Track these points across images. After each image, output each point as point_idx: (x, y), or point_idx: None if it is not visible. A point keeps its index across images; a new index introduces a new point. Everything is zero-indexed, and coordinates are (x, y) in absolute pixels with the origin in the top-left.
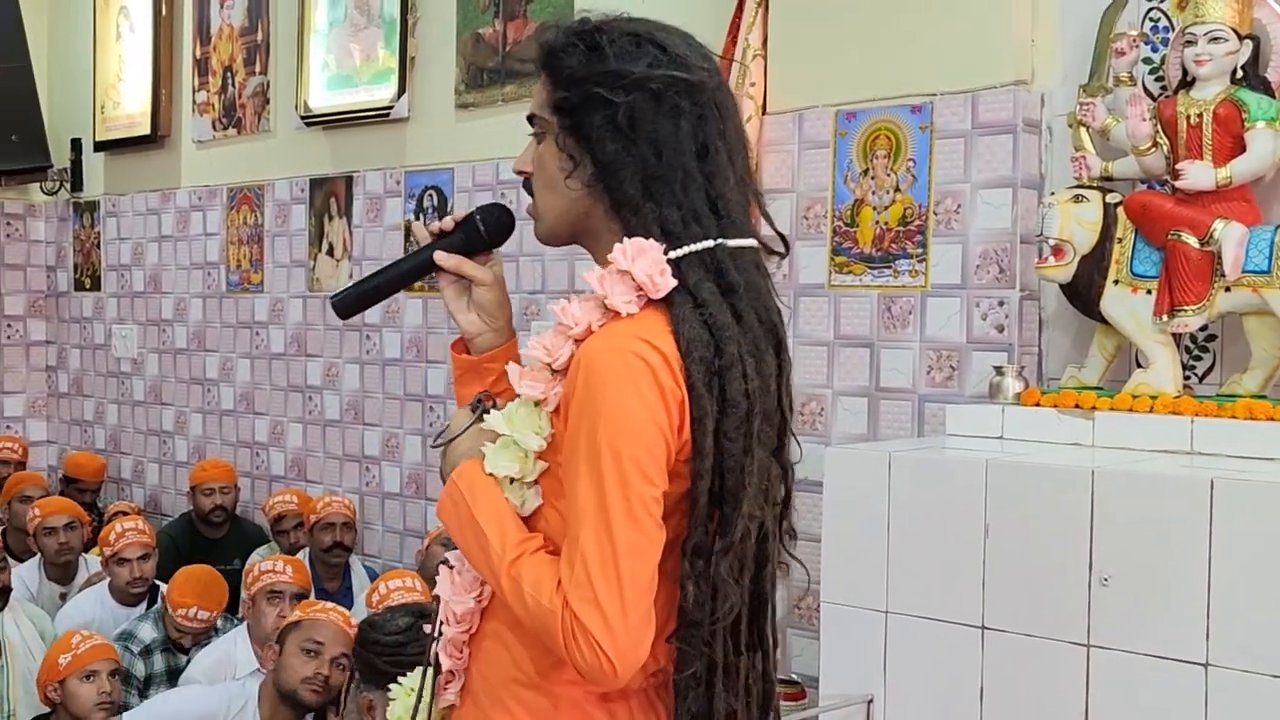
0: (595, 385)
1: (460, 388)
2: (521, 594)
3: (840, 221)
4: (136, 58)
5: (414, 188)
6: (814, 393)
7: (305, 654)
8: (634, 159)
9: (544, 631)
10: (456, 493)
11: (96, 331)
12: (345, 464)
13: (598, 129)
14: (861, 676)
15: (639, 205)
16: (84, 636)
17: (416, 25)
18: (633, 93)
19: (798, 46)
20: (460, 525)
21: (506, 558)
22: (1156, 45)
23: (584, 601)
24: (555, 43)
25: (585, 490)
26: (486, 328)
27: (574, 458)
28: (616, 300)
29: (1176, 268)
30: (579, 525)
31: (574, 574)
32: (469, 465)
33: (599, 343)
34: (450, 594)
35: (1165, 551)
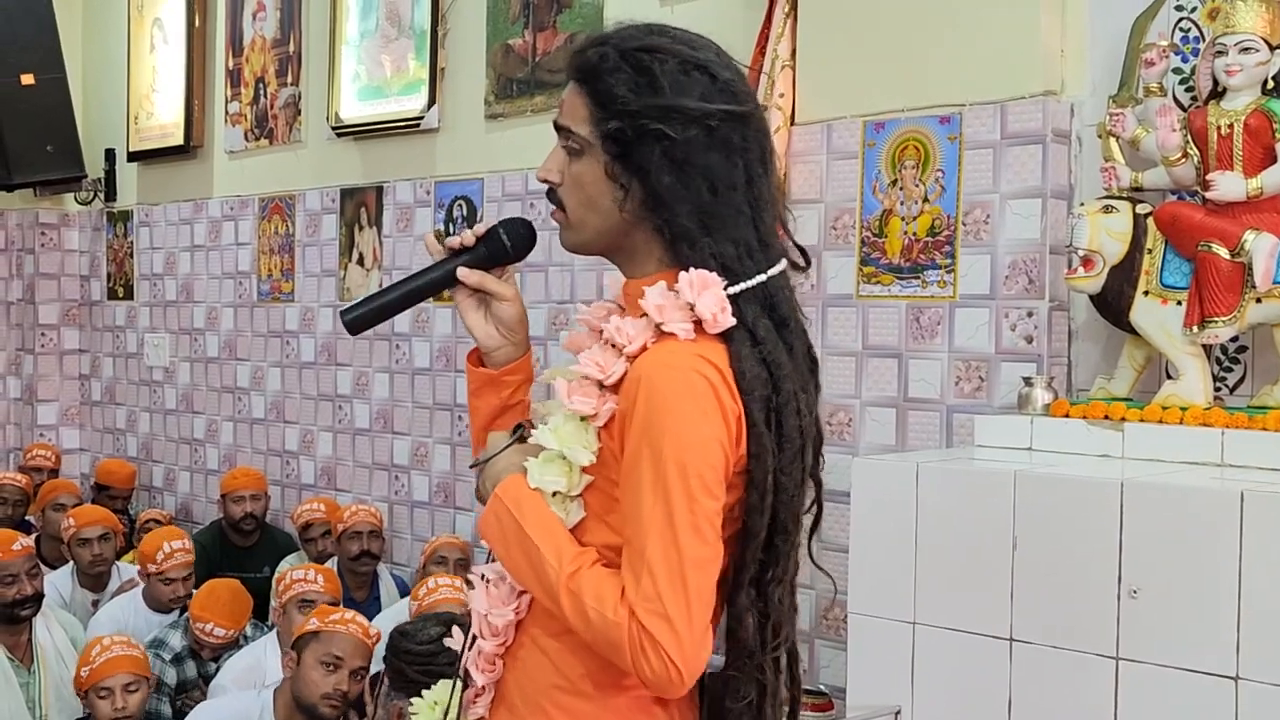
0: (659, 401)
1: (476, 400)
2: (583, 607)
3: (869, 232)
4: (170, 69)
5: (444, 198)
6: (842, 403)
7: (324, 667)
8: (689, 192)
9: (607, 643)
10: (501, 508)
11: (129, 340)
12: (375, 473)
13: (654, 162)
14: (889, 687)
15: (695, 239)
16: (103, 647)
17: (447, 36)
18: (690, 129)
19: (826, 57)
20: (506, 540)
21: (564, 571)
22: (1187, 55)
23: (653, 614)
24: (602, 65)
25: (650, 504)
26: (506, 341)
27: (635, 472)
28: (675, 326)
29: (1207, 279)
30: (644, 538)
31: (640, 587)
32: (513, 480)
33: (659, 359)
34: (488, 607)
35: (1195, 564)
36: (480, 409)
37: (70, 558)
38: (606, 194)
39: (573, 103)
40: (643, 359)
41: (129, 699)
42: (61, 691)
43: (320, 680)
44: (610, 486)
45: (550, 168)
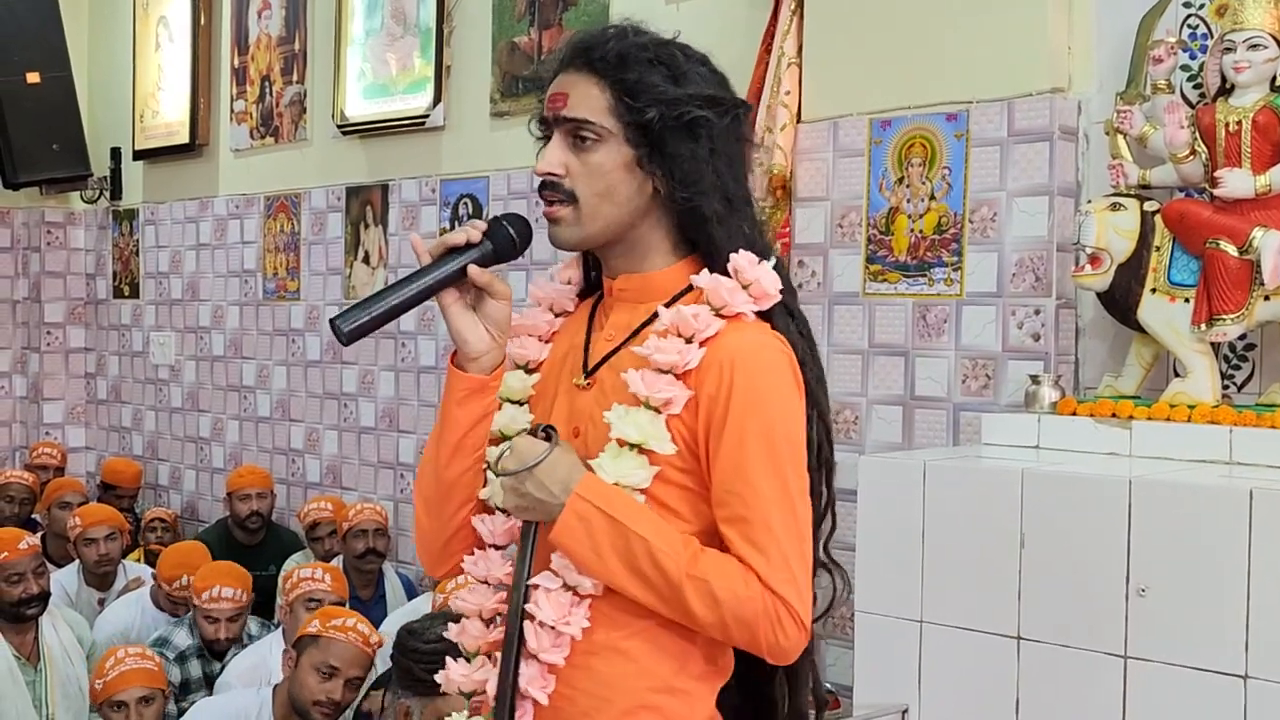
0: (759, 380)
1: (459, 410)
2: (710, 590)
3: (875, 230)
4: (175, 67)
5: (449, 196)
6: (849, 401)
7: (320, 674)
8: (718, 178)
9: (736, 622)
10: (588, 509)
11: (135, 339)
12: (380, 471)
13: (689, 147)
14: (896, 686)
15: (726, 221)
16: (117, 660)
17: (452, 34)
18: (725, 117)
19: (832, 55)
20: (596, 542)
21: (683, 559)
22: (1194, 52)
23: (785, 582)
24: (626, 54)
25: (767, 478)
26: (495, 345)
27: (742, 449)
28: (745, 308)
29: (1215, 276)
30: (767, 511)
31: (771, 560)
32: (591, 479)
33: (746, 340)
34: (556, 617)
35: (1203, 562)
36: (461, 419)
37: (76, 556)
38: (628, 183)
39: (585, 94)
40: (724, 342)
41: (144, 712)
42: (68, 690)
43: (314, 686)
44: (677, 475)
45: (554, 160)
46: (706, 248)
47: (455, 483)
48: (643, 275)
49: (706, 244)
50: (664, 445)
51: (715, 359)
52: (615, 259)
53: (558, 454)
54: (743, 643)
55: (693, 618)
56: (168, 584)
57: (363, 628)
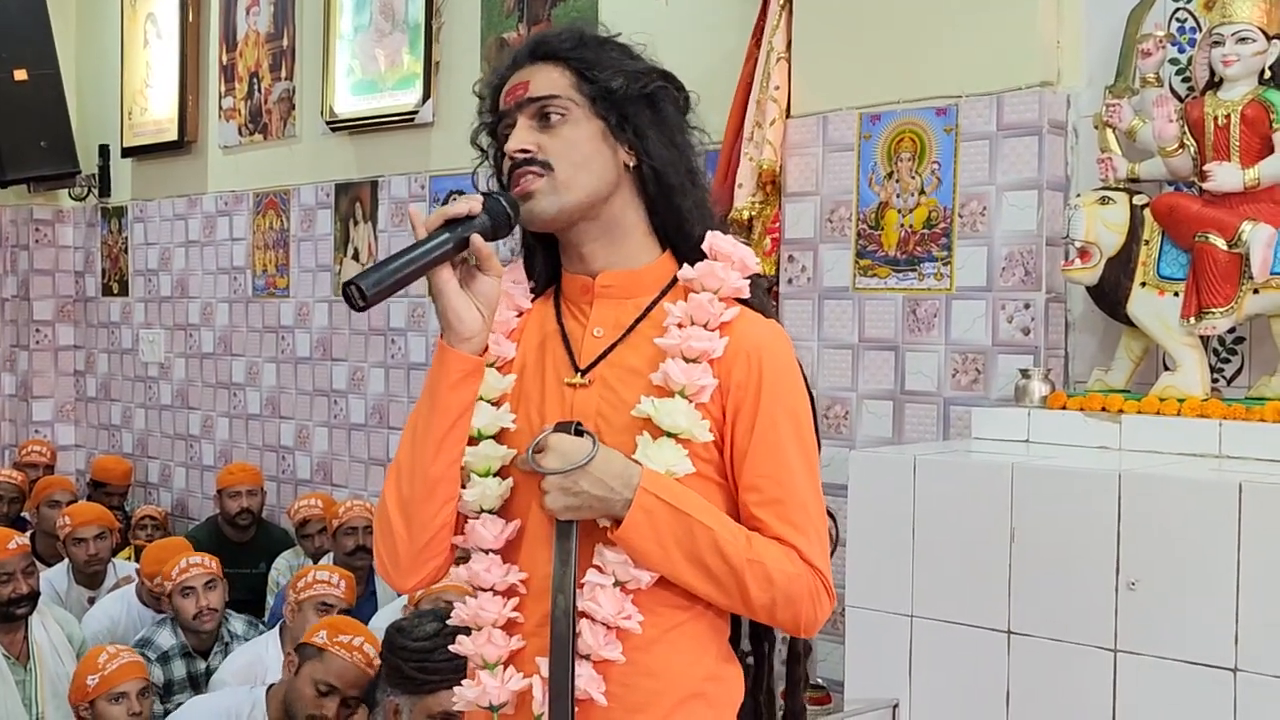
0: (782, 367)
1: (452, 394)
2: (768, 573)
3: (865, 224)
4: (163, 64)
5: (439, 192)
6: (839, 396)
7: (318, 689)
8: (679, 149)
9: (785, 599)
10: (654, 502)
11: (124, 336)
12: (371, 467)
13: (651, 117)
14: (887, 681)
15: (688, 190)
16: (110, 655)
17: (441, 30)
18: (680, 92)
19: (821, 49)
20: (659, 533)
21: (743, 544)
22: (1183, 46)
23: (821, 557)
24: (583, 40)
25: (798, 460)
26: (485, 325)
27: (775, 433)
28: (738, 284)
29: (1204, 270)
30: (803, 493)
31: (810, 539)
32: (650, 473)
33: (764, 331)
34: (614, 612)
35: (1193, 555)
36: (454, 405)
37: (65, 555)
38: (602, 152)
39: (546, 76)
40: (745, 331)
41: (143, 704)
42: (58, 688)
43: (310, 701)
44: (700, 463)
45: (524, 139)
46: (674, 219)
47: (440, 479)
48: (630, 271)
49: (674, 215)
50: (704, 433)
51: (741, 348)
52: (589, 247)
53: (605, 450)
54: (785, 620)
55: (747, 600)
56: (149, 580)
57: (369, 649)
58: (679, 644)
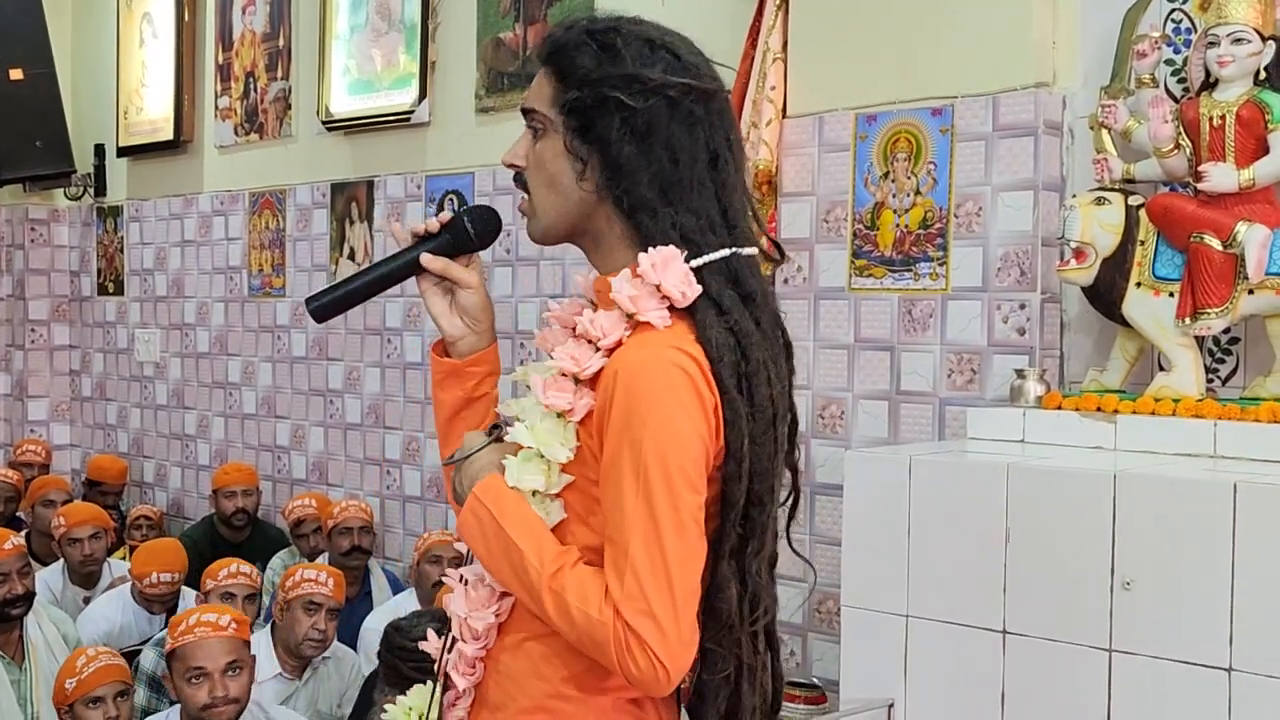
0: (638, 397)
1: (440, 393)
2: (566, 607)
3: (860, 225)
4: (159, 63)
5: (435, 192)
6: (834, 396)
7: (192, 683)
8: (650, 163)
9: (591, 642)
10: (480, 508)
11: (119, 336)
12: (366, 467)
13: (614, 131)
14: (882, 681)
15: (656, 209)
16: (89, 658)
17: (437, 30)
18: (651, 98)
19: (817, 49)
20: (487, 540)
21: (546, 571)
22: (1179, 46)
23: (638, 613)
24: (565, 40)
25: (632, 501)
26: (470, 331)
27: (616, 469)
28: (651, 315)
29: (1199, 270)
30: (627, 536)
31: (624, 585)
32: (491, 480)
33: (636, 354)
34: (467, 609)
35: (1188, 556)
36: (445, 402)
37: (61, 555)
38: (566, 170)
39: (538, 85)
40: (619, 353)
41: (120, 707)
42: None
43: (194, 695)
44: (590, 486)
45: (516, 152)
46: (643, 238)
47: None
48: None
49: (642, 234)
50: (557, 452)
51: (610, 369)
52: (590, 254)
53: (486, 451)
54: (605, 661)
55: (557, 627)
56: (139, 580)
57: (212, 618)
58: (532, 654)
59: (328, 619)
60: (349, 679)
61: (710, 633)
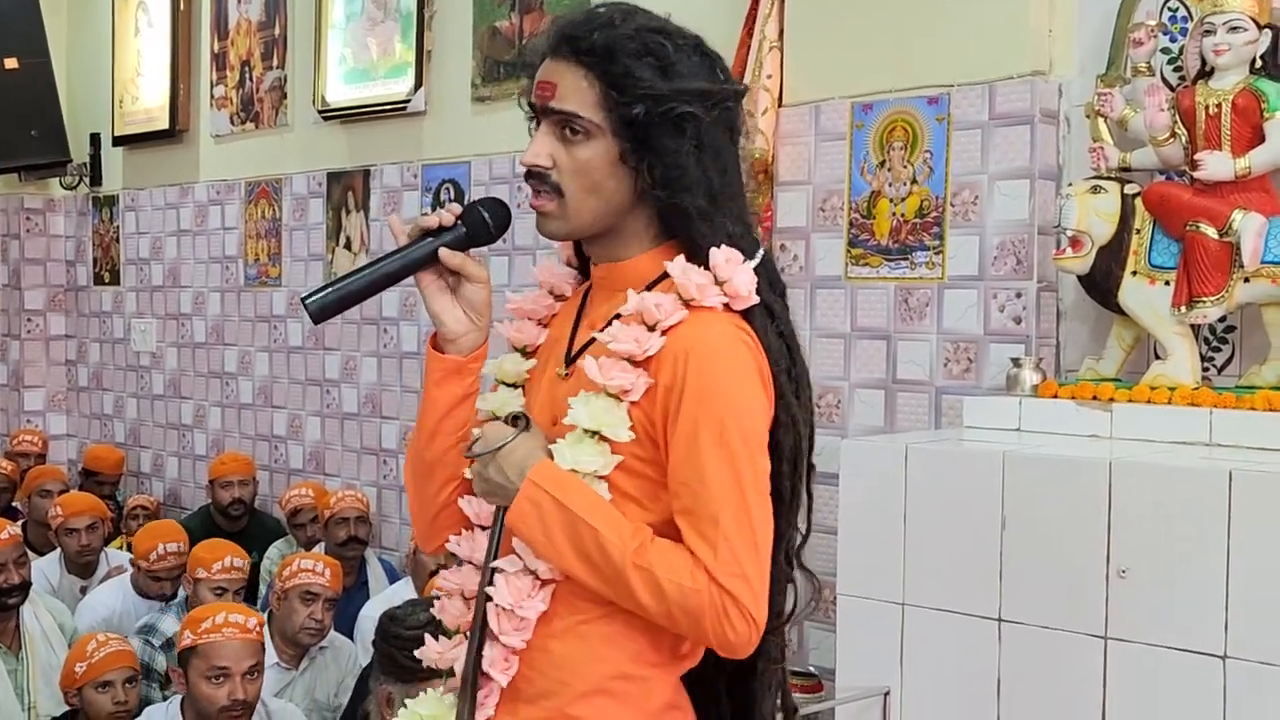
0: (711, 370)
1: (437, 390)
2: (656, 580)
3: (857, 214)
4: (155, 53)
5: (431, 181)
6: (831, 385)
7: (212, 682)
8: (705, 173)
9: (683, 613)
10: (539, 494)
11: (116, 325)
12: (363, 457)
13: (674, 143)
14: (878, 669)
15: (711, 217)
16: (99, 643)
17: (433, 19)
18: (713, 110)
19: (814, 38)
20: (546, 526)
21: (629, 548)
22: (1175, 35)
23: (734, 577)
24: (613, 44)
25: (717, 470)
26: (473, 327)
27: (694, 441)
28: (712, 300)
29: (1195, 259)
30: (715, 505)
31: (719, 553)
32: (545, 465)
33: (703, 330)
34: (513, 600)
35: (1183, 544)
36: (440, 399)
37: (57, 545)
38: (615, 178)
39: (574, 85)
40: (683, 332)
41: (129, 693)
42: (50, 677)
43: (212, 694)
44: (639, 464)
45: (540, 152)
46: (689, 244)
47: (437, 462)
48: (620, 263)
49: (688, 241)
50: (620, 432)
51: (672, 349)
52: (598, 247)
53: (521, 439)
54: (691, 634)
55: (641, 606)
56: (144, 559)
57: (237, 620)
58: (589, 638)
59: (324, 609)
60: (346, 668)
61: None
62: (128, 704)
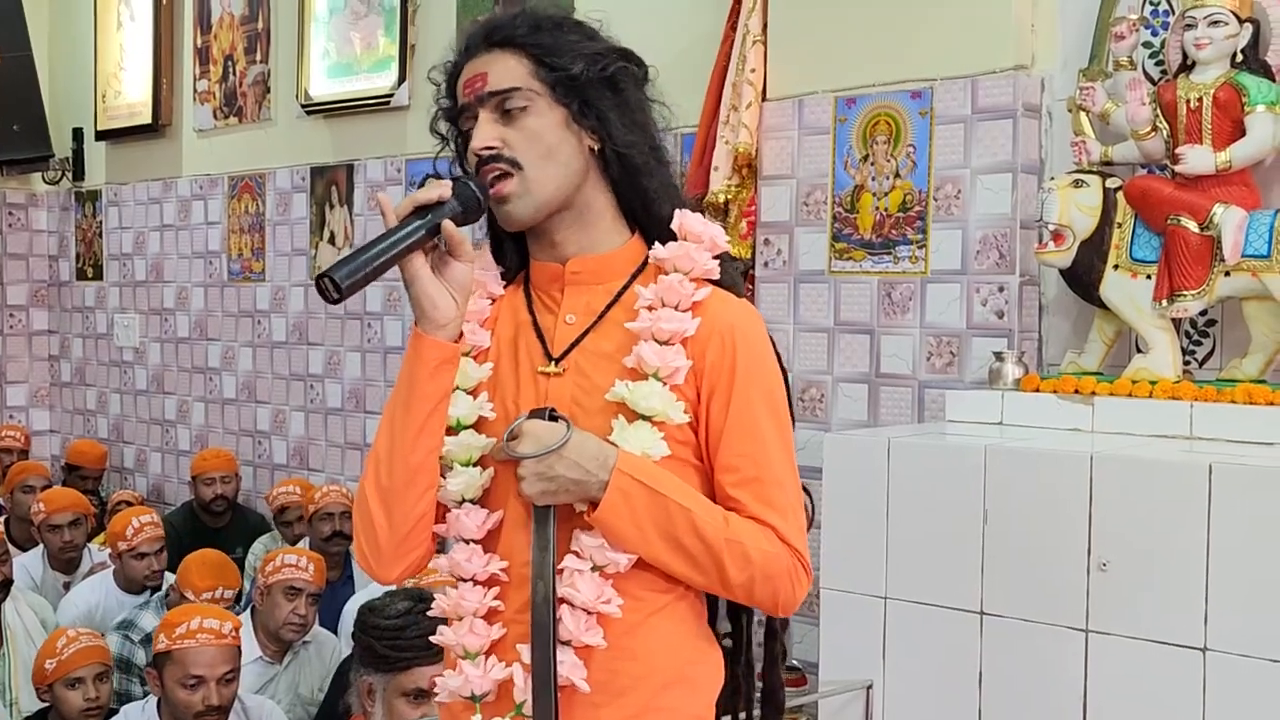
0: (757, 348)
1: (430, 382)
2: (746, 552)
3: (840, 208)
4: (137, 46)
5: (415, 175)
6: (814, 379)
7: (187, 688)
8: (642, 129)
9: (764, 578)
10: (630, 484)
11: (99, 321)
12: (347, 452)
13: (614, 98)
14: (861, 662)
15: (654, 170)
16: (69, 639)
17: (417, 13)
18: (642, 69)
19: (797, 32)
20: (637, 516)
21: (721, 524)
22: (1156, 29)
23: (798, 535)
24: (538, 25)
25: (775, 441)
26: (459, 311)
27: (749, 414)
28: (710, 265)
29: (1176, 252)
30: (780, 472)
31: (788, 518)
32: (626, 455)
33: (736, 311)
34: (594, 597)
35: (1164, 536)
36: (431, 393)
37: (40, 541)
38: (567, 140)
39: (503, 67)
40: (718, 312)
41: (100, 689)
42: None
43: (188, 700)
44: (677, 445)
45: (488, 135)
46: (641, 200)
47: (420, 467)
48: (599, 256)
49: (640, 196)
50: (679, 415)
51: (714, 329)
52: (563, 234)
53: (580, 434)
54: (763, 599)
55: (726, 580)
56: (122, 539)
57: (211, 623)
58: (660, 627)
59: (308, 604)
60: (330, 663)
61: None
62: (99, 700)
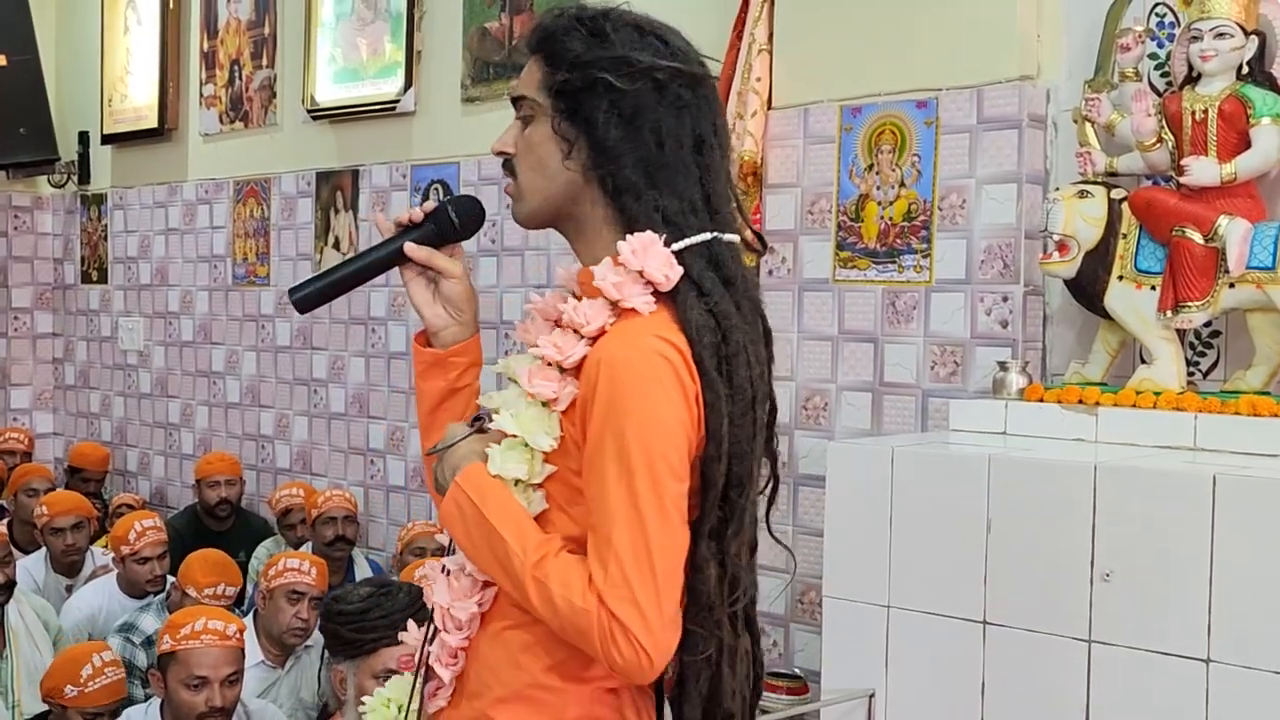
0: (621, 385)
1: (423, 383)
2: (550, 595)
3: (845, 216)
4: (144, 51)
5: (420, 181)
6: (818, 387)
7: (190, 689)
8: (636, 146)
9: (575, 631)
10: (462, 496)
11: (103, 324)
12: (350, 457)
13: (601, 113)
14: (863, 671)
15: (641, 191)
16: (95, 670)
17: (423, 19)
18: (639, 80)
19: (803, 41)
20: (469, 530)
21: (529, 559)
22: (1162, 40)
23: (622, 600)
24: (554, 26)
25: (615, 489)
26: (453, 321)
27: (599, 457)
28: (635, 301)
29: (1181, 264)
30: (610, 524)
31: (609, 574)
32: (474, 469)
33: (619, 342)
34: (450, 600)
35: (1167, 547)
36: (427, 392)
37: (43, 544)
38: (554, 153)
39: (528, 72)
40: (603, 342)
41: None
42: (34, 676)
43: (191, 701)
44: (572, 476)
45: (505, 140)
46: (626, 222)
47: None
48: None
49: (625, 218)
50: (543, 441)
51: (593, 358)
52: (575, 246)
53: (468, 441)
54: (588, 650)
55: (541, 616)
56: (125, 543)
57: (215, 627)
58: (510, 644)
59: (310, 608)
60: None
61: (691, 614)
62: None
